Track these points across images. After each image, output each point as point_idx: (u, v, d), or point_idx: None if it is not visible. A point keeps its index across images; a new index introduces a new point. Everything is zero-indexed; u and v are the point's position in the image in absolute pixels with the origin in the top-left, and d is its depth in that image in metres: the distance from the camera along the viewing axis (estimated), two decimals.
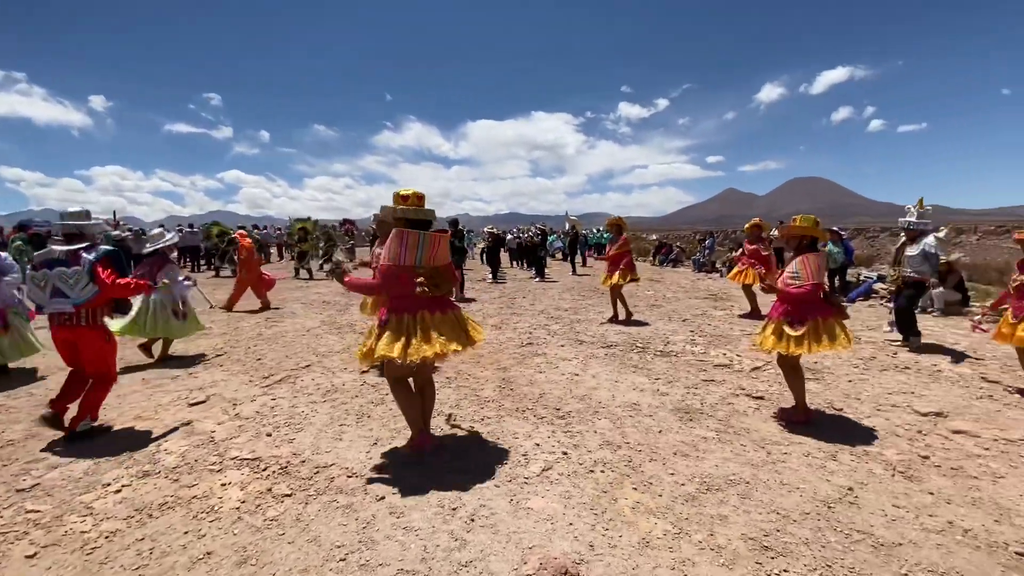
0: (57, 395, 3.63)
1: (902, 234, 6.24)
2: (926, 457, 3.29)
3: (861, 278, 10.85)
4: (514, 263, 19.61)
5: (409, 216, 2.97)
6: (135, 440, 3.56)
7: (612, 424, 3.83)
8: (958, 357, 5.69)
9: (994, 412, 4.07)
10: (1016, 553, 2.35)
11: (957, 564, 2.28)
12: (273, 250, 22.34)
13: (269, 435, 3.63)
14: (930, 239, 5.85)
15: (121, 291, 3.55)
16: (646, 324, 7.61)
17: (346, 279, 2.98)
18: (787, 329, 3.60)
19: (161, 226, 6.97)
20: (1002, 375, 5.01)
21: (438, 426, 3.75)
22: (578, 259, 17.47)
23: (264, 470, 3.11)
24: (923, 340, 6.14)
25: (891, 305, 7.14)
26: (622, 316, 7.83)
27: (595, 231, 24.54)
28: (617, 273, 7.54)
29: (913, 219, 5.96)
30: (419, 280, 2.92)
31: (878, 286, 9.99)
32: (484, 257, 15.70)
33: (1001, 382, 4.75)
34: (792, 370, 3.78)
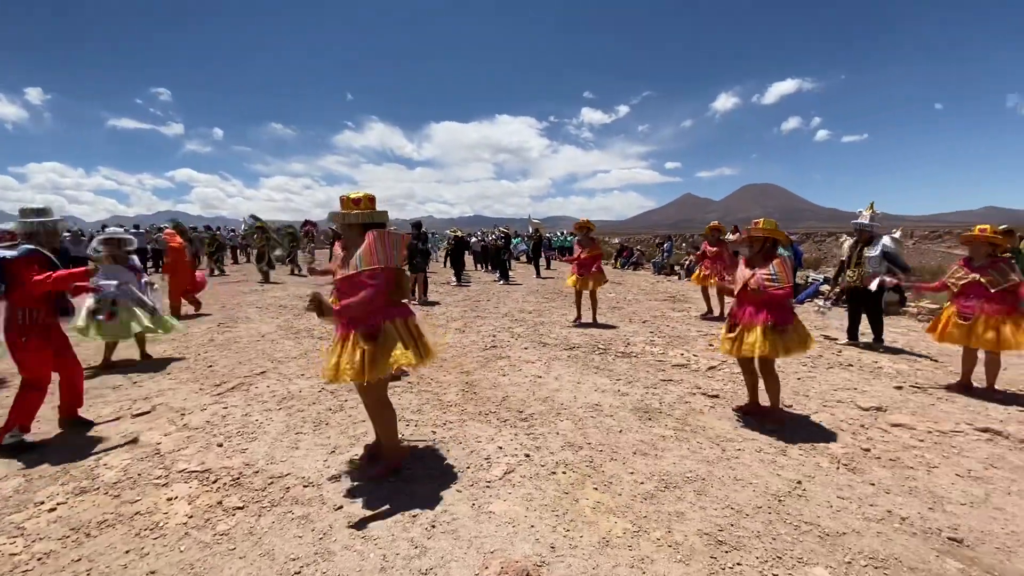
0: (60, 402, 3.75)
1: (844, 238, 6.55)
2: (867, 450, 3.48)
3: (809, 280, 11.38)
4: (478, 266, 19.57)
5: (364, 221, 2.86)
6: (71, 454, 3.34)
7: (574, 425, 3.87)
8: (896, 354, 6.05)
9: (928, 406, 4.34)
10: (948, 539, 2.51)
11: (895, 551, 2.41)
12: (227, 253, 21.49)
13: (220, 445, 3.47)
14: (886, 239, 6.17)
15: (39, 287, 3.32)
16: (608, 326, 7.73)
17: (337, 307, 2.71)
18: (773, 333, 3.63)
19: (104, 226, 6.57)
20: (935, 371, 5.36)
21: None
22: (542, 262, 17.61)
23: (214, 482, 2.98)
24: (863, 339, 6.50)
25: (820, 304, 7.47)
26: (587, 319, 7.90)
27: (559, 234, 24.82)
28: (592, 277, 7.61)
29: (866, 221, 6.24)
30: (407, 284, 2.92)
31: (824, 288, 10.50)
32: (448, 260, 15.60)
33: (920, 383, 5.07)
34: (770, 374, 3.83)
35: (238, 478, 3.03)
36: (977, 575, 2.26)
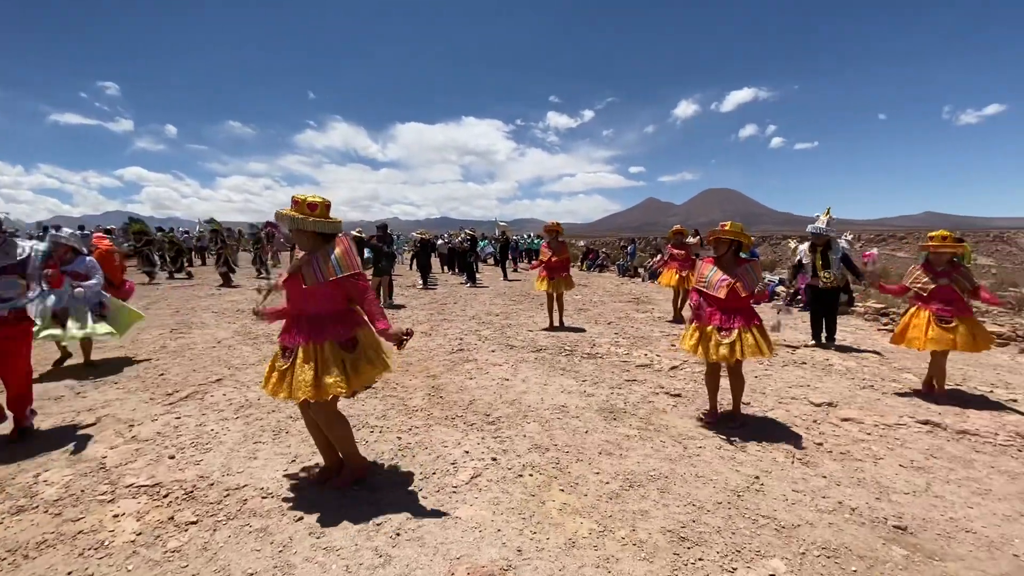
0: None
1: (796, 243, 6.86)
2: (820, 444, 3.63)
3: (765, 281, 11.81)
4: (445, 268, 19.44)
5: (317, 229, 2.67)
6: (8, 471, 3.12)
7: (541, 427, 3.88)
8: (845, 352, 6.35)
9: (874, 400, 4.57)
10: (894, 527, 2.64)
11: (846, 540, 2.52)
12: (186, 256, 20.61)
13: (172, 457, 3.31)
14: (843, 243, 6.49)
15: None
16: (575, 328, 7.80)
17: (386, 328, 2.63)
18: (762, 332, 3.74)
19: (45, 228, 6.10)
20: (880, 367, 5.65)
21: (362, 439, 3.62)
22: (509, 264, 17.64)
23: (165, 497, 2.84)
24: (812, 344, 6.79)
25: (781, 304, 7.81)
26: (555, 322, 7.88)
27: (525, 236, 24.93)
28: (563, 280, 7.59)
29: (823, 226, 6.46)
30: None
31: (779, 289, 10.92)
32: (414, 262, 15.41)
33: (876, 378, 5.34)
34: (740, 375, 3.90)
35: (191, 491, 2.90)
36: (920, 560, 2.39)
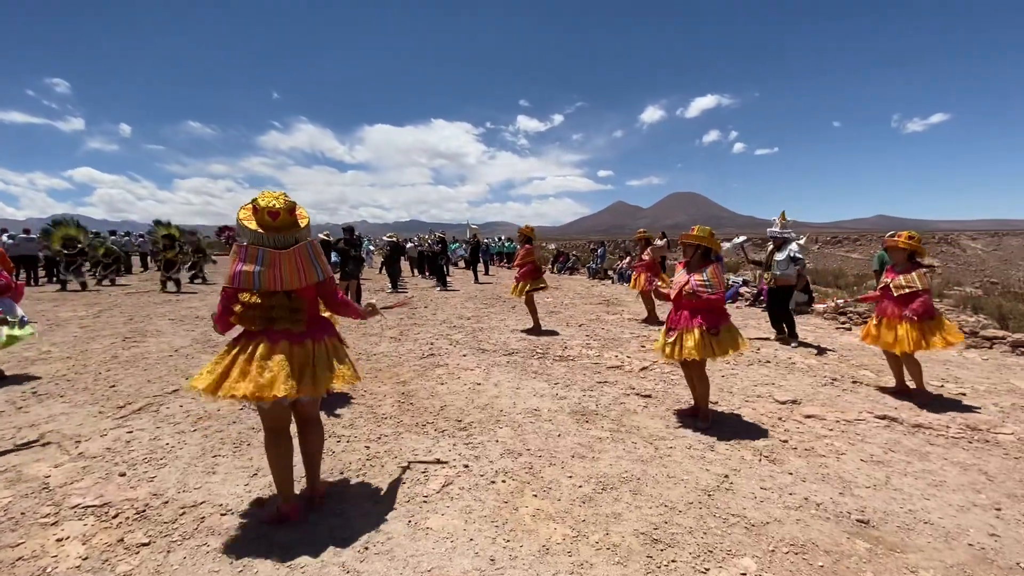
0: None
1: (770, 243, 7.12)
2: (785, 441, 3.71)
3: (729, 283, 12.12)
4: (415, 272, 19.20)
5: (250, 239, 2.49)
6: None
7: (513, 432, 3.84)
8: (807, 349, 6.55)
9: (835, 397, 4.72)
10: (857, 520, 2.71)
11: (812, 536, 2.57)
12: (135, 259, 19.70)
13: (123, 475, 3.12)
14: (794, 246, 6.76)
15: None
16: (547, 331, 7.80)
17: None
18: (709, 336, 3.73)
19: None
20: (839, 364, 5.85)
21: (328, 450, 3.50)
22: (480, 267, 17.56)
23: (114, 517, 2.66)
24: (775, 337, 7.00)
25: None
26: (527, 324, 7.84)
27: (496, 240, 24.93)
28: (520, 282, 7.59)
29: (777, 230, 6.83)
30: (237, 308, 2.46)
31: (743, 290, 11.22)
32: (383, 267, 15.12)
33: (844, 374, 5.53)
34: (702, 377, 3.96)
35: (143, 510, 2.73)
36: (882, 553, 2.46)
